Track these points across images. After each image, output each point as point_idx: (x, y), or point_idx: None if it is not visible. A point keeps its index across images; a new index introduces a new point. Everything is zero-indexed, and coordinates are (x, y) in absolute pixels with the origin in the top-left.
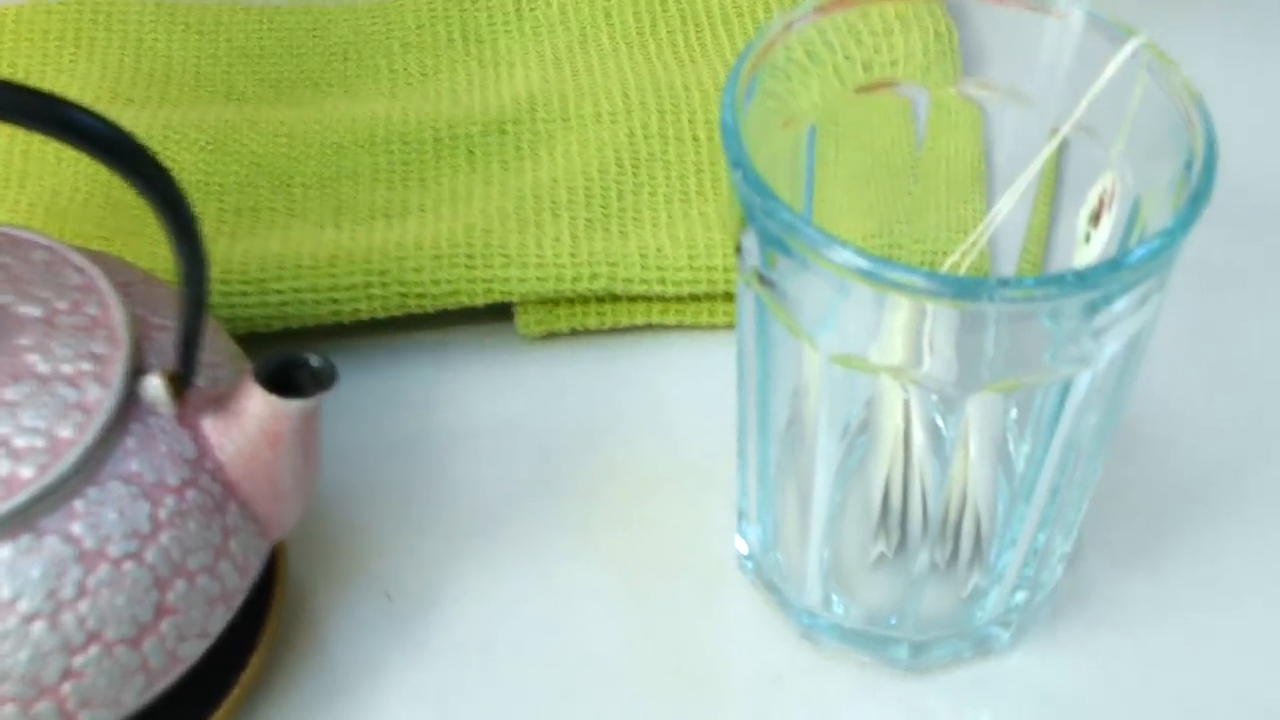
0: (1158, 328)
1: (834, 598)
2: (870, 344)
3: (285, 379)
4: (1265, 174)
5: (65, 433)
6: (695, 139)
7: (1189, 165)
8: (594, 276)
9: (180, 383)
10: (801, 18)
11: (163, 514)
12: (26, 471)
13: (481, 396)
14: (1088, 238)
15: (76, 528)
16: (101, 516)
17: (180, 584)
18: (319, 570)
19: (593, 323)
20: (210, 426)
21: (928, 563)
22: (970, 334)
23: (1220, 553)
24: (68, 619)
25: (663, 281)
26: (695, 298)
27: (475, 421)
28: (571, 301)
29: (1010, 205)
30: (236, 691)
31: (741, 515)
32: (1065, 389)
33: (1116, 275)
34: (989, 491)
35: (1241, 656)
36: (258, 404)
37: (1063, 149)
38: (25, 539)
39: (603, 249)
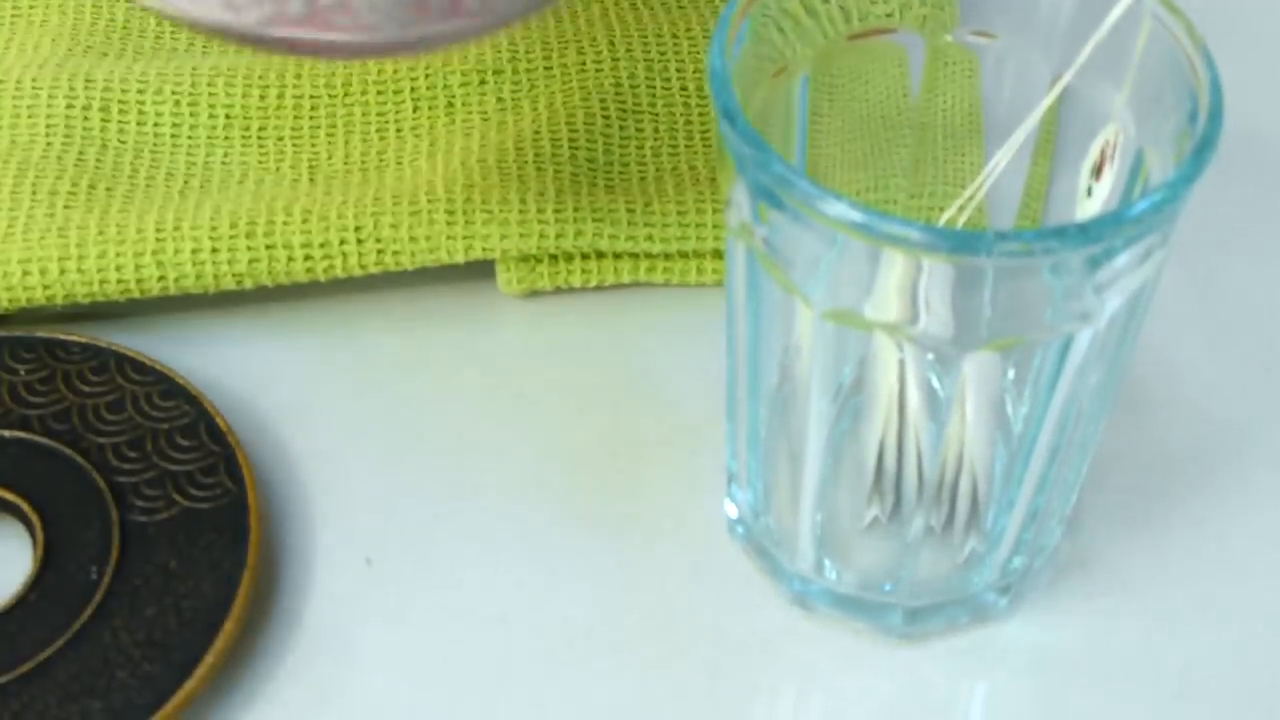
0: (1161, 284)
1: (826, 563)
2: (865, 300)
3: None
4: (1271, 127)
5: None
6: (684, 89)
7: (1194, 116)
8: (579, 233)
9: None
10: None
11: None
12: None
13: (462, 358)
14: (1089, 191)
15: None
16: None
17: None
18: (296, 537)
19: (577, 281)
20: None
21: (923, 527)
22: (968, 290)
23: (1223, 516)
24: None
25: (650, 238)
26: (684, 255)
27: (456, 383)
28: (555, 259)
29: (1009, 157)
30: (210, 659)
31: (731, 479)
32: (1065, 347)
33: (1119, 228)
34: (986, 453)
35: (1244, 622)
36: None
37: (1063, 100)
38: None
39: (588, 204)
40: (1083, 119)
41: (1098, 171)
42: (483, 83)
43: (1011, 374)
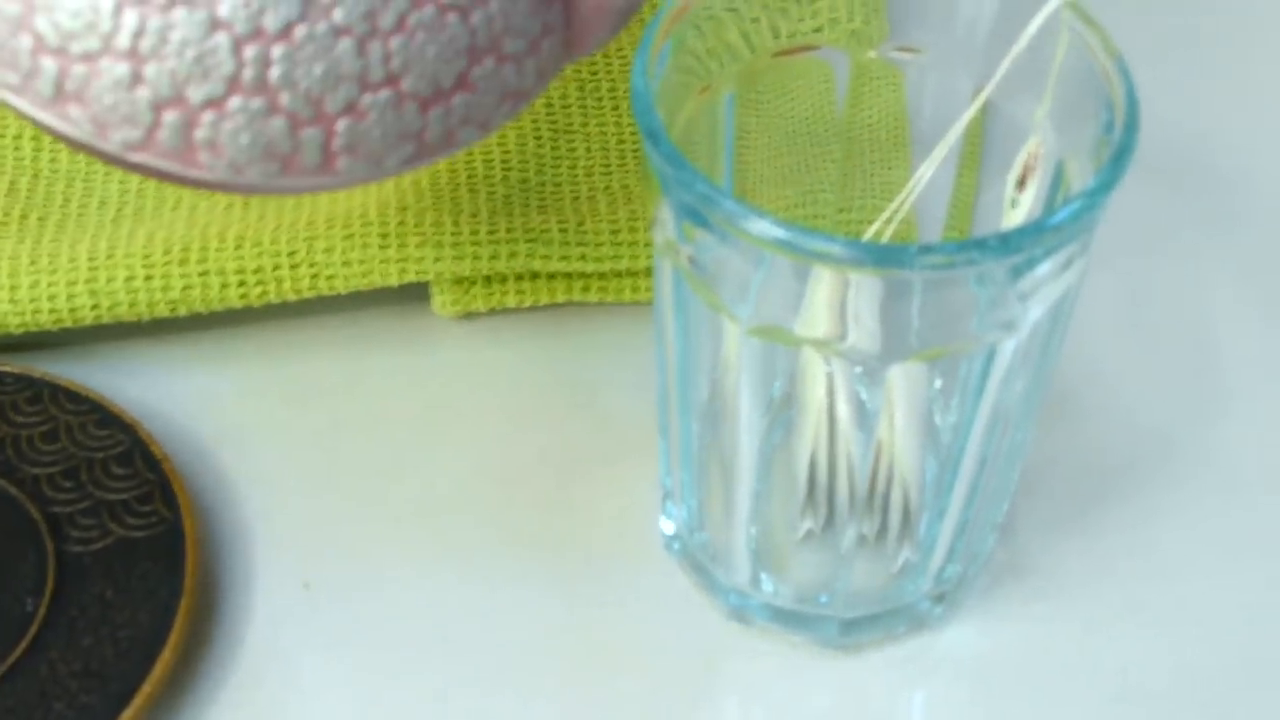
0: (1088, 292)
1: (763, 576)
2: (792, 316)
3: None
4: (1196, 133)
5: None
6: (616, 109)
7: (1110, 126)
8: (512, 254)
9: None
10: None
11: None
12: None
13: (398, 381)
14: (1014, 202)
15: None
16: None
17: (489, 61)
18: (234, 562)
19: (512, 301)
20: None
21: (855, 538)
22: (894, 303)
23: (1155, 520)
24: (375, 49)
25: (584, 258)
26: (618, 273)
27: (393, 406)
28: (489, 280)
29: (931, 171)
30: (147, 689)
31: (666, 495)
32: (991, 356)
33: (1039, 238)
34: (916, 463)
35: (1178, 624)
36: None
37: (987, 112)
38: None
39: (521, 225)
40: (1006, 131)
41: (1022, 182)
42: None
43: (939, 383)
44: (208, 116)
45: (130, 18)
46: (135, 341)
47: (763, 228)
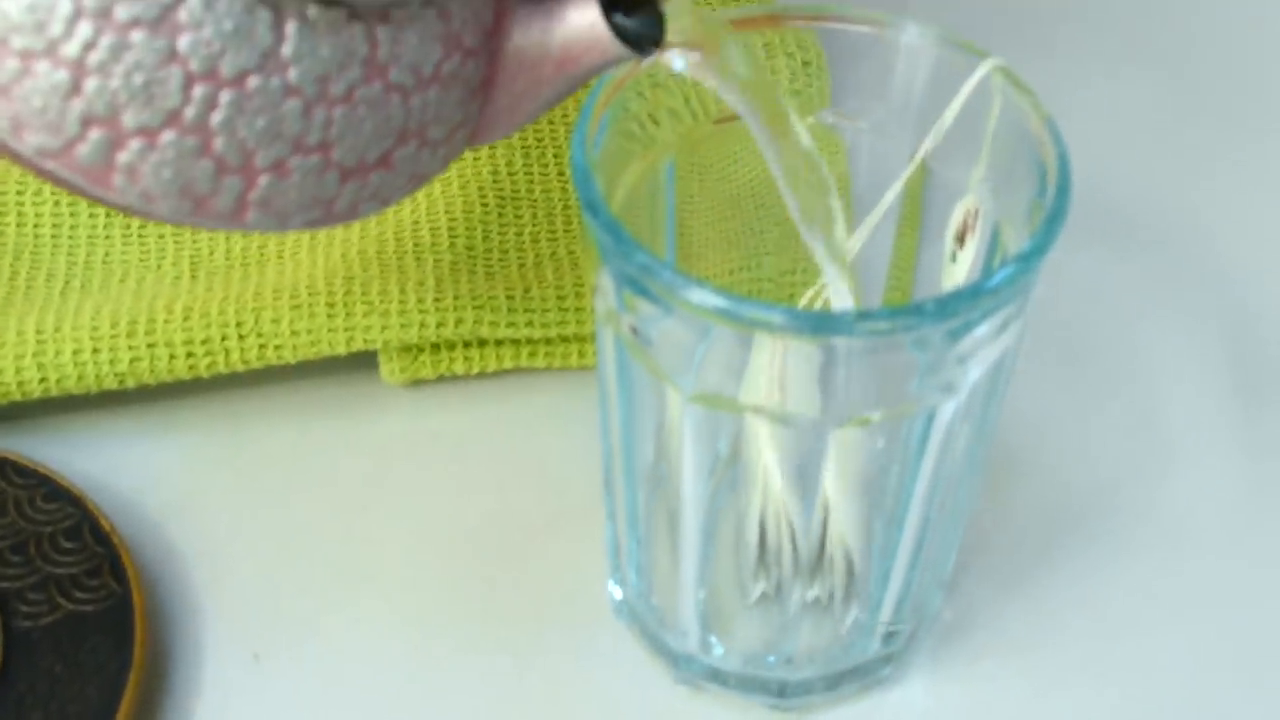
0: (1030, 351)
1: (712, 640)
2: (734, 383)
3: (615, 6)
4: (1133, 192)
5: None
6: (561, 175)
7: (1043, 189)
8: (459, 321)
9: None
10: None
11: (445, 67)
12: None
13: (347, 448)
14: (954, 257)
15: (381, 33)
16: (405, 37)
17: (413, 144)
18: (183, 635)
19: (460, 368)
20: (523, 13)
21: (801, 601)
22: (834, 368)
23: (1099, 576)
24: (319, 114)
25: (530, 324)
26: (564, 339)
27: (342, 475)
28: (437, 347)
29: (864, 238)
30: None
31: (614, 560)
32: (931, 418)
33: (976, 302)
34: (860, 525)
35: (1125, 678)
36: (583, 17)
37: (926, 175)
38: (336, 14)
39: (468, 291)
40: (944, 194)
41: (961, 238)
42: None
43: (881, 444)
44: (136, 143)
45: (84, 28)
46: (83, 414)
47: (702, 297)
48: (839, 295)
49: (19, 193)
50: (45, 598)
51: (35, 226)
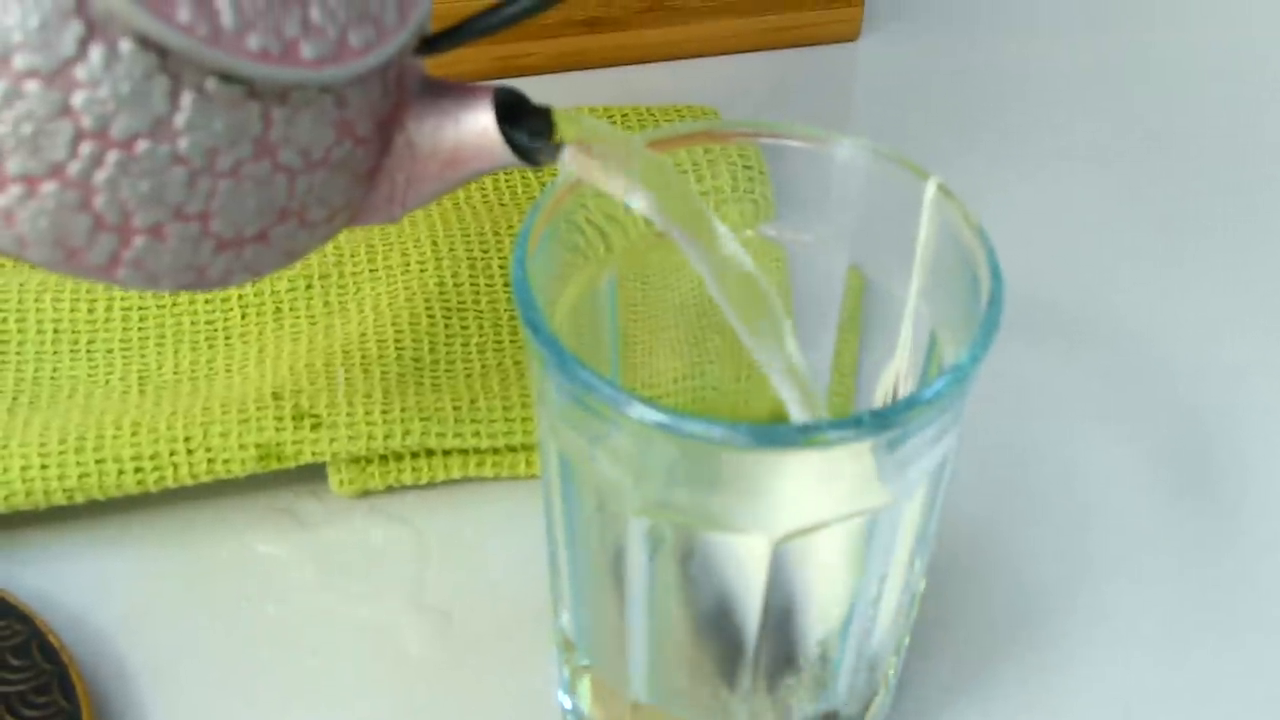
0: (970, 453)
1: None
2: (678, 494)
3: (511, 116)
4: (1069, 292)
5: (354, 42)
6: (507, 285)
7: (978, 298)
8: (406, 433)
9: (429, 46)
10: None
11: (335, 153)
12: (307, 51)
13: (297, 560)
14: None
15: (276, 113)
16: (299, 120)
17: (292, 223)
18: None
19: (408, 479)
20: (419, 108)
21: (749, 705)
22: (773, 478)
23: (1046, 677)
24: (203, 185)
25: (477, 434)
26: (512, 449)
27: (291, 587)
28: (385, 458)
29: (791, 356)
30: None
31: (562, 670)
32: (873, 523)
33: (913, 412)
34: (803, 631)
35: None
36: (476, 122)
37: (864, 285)
38: (234, 91)
39: (415, 403)
40: (882, 303)
41: (897, 388)
42: (309, 288)
43: (823, 550)
44: (16, 190)
45: None
46: (31, 529)
47: (643, 413)
48: (794, 407)
49: None
50: None
51: None
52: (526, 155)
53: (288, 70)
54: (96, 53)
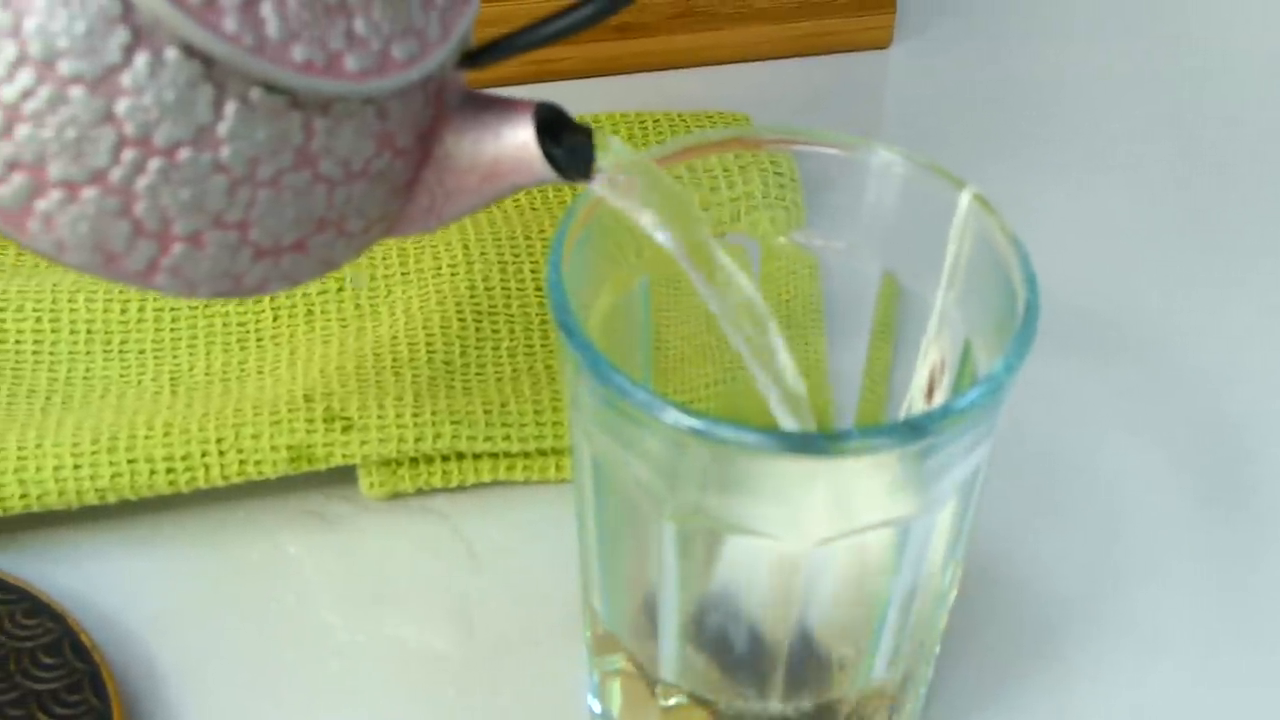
0: (1002, 463)
1: None
2: (711, 500)
3: (551, 132)
4: (1104, 302)
5: (398, 55)
6: (538, 290)
7: (1013, 308)
8: (437, 436)
9: (470, 60)
10: None
11: (375, 164)
12: (351, 63)
13: (327, 562)
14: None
15: (318, 124)
16: (341, 131)
17: (330, 233)
18: None
19: (438, 482)
20: (459, 121)
21: (780, 713)
22: (806, 486)
23: (1075, 687)
24: (243, 194)
25: (508, 438)
26: (542, 452)
27: (322, 588)
28: (416, 461)
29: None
30: None
31: (593, 675)
32: (904, 532)
33: (947, 422)
34: (837, 639)
35: None
36: (516, 136)
37: (897, 294)
38: (277, 101)
39: (446, 406)
40: (915, 311)
41: (930, 393)
42: (340, 290)
43: (854, 559)
44: (58, 194)
45: (25, 76)
46: (64, 529)
47: (676, 418)
48: (785, 420)
49: (0, 309)
50: (25, 714)
51: (17, 343)
52: (564, 172)
53: (332, 82)
54: (142, 60)
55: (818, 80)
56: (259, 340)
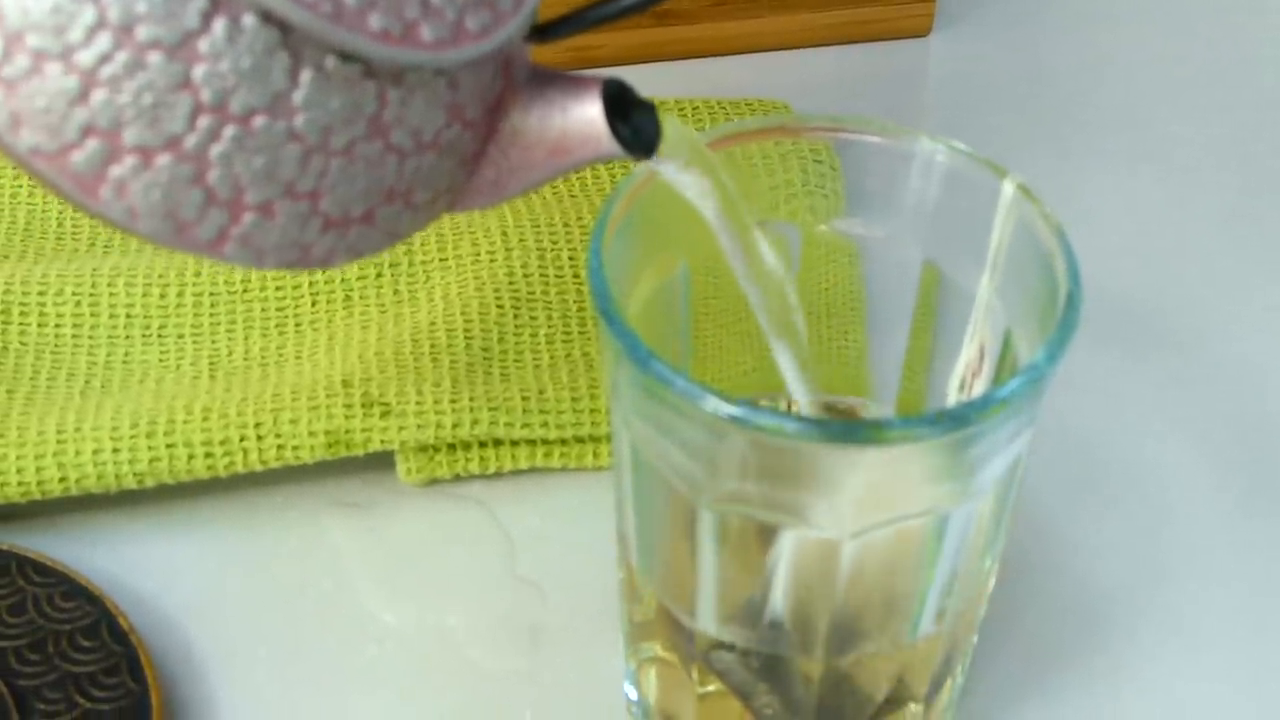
0: (1042, 454)
1: None
2: (751, 489)
3: (617, 108)
4: (1147, 293)
5: (471, 26)
6: (576, 277)
7: (1055, 298)
8: (475, 422)
9: (539, 34)
10: None
11: (445, 136)
12: (426, 33)
13: (363, 548)
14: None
15: (391, 94)
16: (413, 101)
17: (398, 205)
18: None
19: (475, 468)
20: (526, 96)
21: (815, 700)
22: (845, 474)
23: (1114, 680)
24: (316, 163)
25: (545, 425)
26: (579, 440)
27: (358, 574)
28: (453, 448)
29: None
30: None
31: (629, 661)
32: (944, 522)
33: (986, 411)
34: (877, 628)
35: None
36: (584, 112)
37: (938, 283)
38: (352, 70)
39: (483, 393)
40: (956, 300)
41: (968, 385)
42: (379, 276)
43: (894, 548)
44: (131, 160)
45: (103, 40)
46: (103, 512)
47: (715, 406)
48: (804, 405)
49: (40, 293)
50: (63, 696)
51: (56, 326)
52: (631, 147)
53: (407, 51)
54: (220, 26)
55: (858, 68)
56: (298, 325)
